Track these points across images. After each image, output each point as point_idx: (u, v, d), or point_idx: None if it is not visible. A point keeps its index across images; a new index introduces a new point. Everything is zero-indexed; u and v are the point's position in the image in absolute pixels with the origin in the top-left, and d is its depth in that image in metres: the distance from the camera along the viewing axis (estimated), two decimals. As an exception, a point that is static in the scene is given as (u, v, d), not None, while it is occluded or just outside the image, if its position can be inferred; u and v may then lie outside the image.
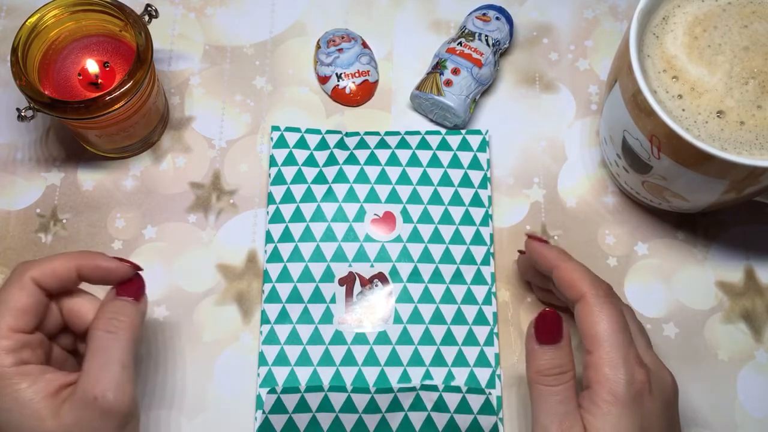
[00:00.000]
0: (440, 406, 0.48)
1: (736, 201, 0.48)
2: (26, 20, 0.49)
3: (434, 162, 0.53)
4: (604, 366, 0.40)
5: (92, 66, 0.51)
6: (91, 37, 0.52)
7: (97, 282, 0.43)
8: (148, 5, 0.51)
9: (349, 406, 0.47)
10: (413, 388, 0.48)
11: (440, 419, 0.48)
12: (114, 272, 0.43)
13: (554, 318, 0.42)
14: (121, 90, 0.48)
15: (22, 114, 0.49)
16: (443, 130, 0.54)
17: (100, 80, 0.51)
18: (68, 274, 0.42)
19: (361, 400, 0.47)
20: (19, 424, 0.38)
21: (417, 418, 0.48)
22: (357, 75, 0.56)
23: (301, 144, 0.54)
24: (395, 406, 0.48)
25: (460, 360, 0.49)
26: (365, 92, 0.56)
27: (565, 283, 0.43)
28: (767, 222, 0.54)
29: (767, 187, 0.46)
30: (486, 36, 0.55)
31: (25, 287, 0.41)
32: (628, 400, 0.39)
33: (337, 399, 0.48)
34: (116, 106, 0.48)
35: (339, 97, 0.56)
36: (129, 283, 0.43)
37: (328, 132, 0.54)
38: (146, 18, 0.51)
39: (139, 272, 0.43)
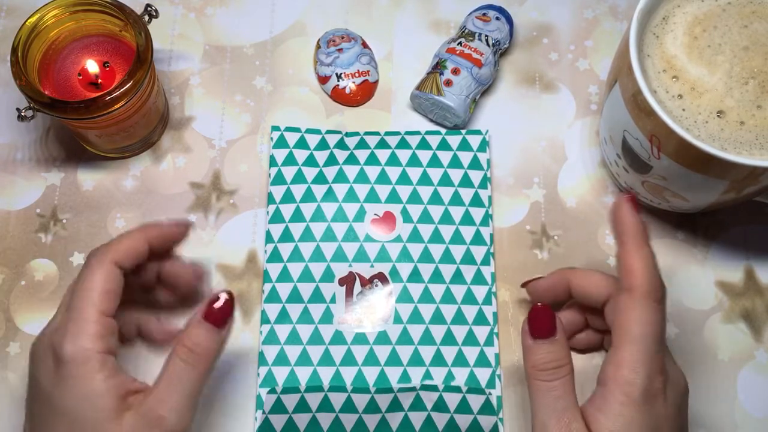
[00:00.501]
0: (440, 406, 0.48)
1: (736, 201, 0.48)
2: (26, 20, 0.49)
3: (434, 162, 0.53)
4: (624, 367, 0.39)
5: (92, 66, 0.51)
6: (91, 37, 0.52)
7: (163, 250, 0.46)
8: (148, 5, 0.51)
9: (349, 406, 0.47)
10: (413, 388, 0.48)
11: (440, 419, 0.48)
12: (177, 233, 0.46)
13: (546, 313, 0.42)
14: (121, 90, 0.48)
15: (22, 114, 0.49)
16: (443, 130, 0.54)
17: (100, 80, 0.51)
18: (143, 249, 0.43)
19: (361, 400, 0.47)
20: (84, 414, 0.39)
21: (417, 418, 0.48)
22: (357, 75, 0.56)
23: (301, 144, 0.54)
24: (395, 406, 0.48)
25: (460, 360, 0.49)
26: (365, 92, 0.56)
27: (624, 267, 0.41)
28: (767, 222, 0.54)
29: (767, 187, 0.46)
30: (486, 36, 0.55)
31: (109, 272, 0.42)
32: (642, 404, 0.39)
33: (337, 399, 0.48)
34: (116, 106, 0.48)
35: (339, 97, 0.56)
36: (217, 310, 0.41)
37: (328, 132, 0.54)
38: (146, 18, 0.51)
39: (231, 299, 0.42)
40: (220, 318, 0.41)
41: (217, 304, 0.41)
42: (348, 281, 0.50)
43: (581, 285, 0.45)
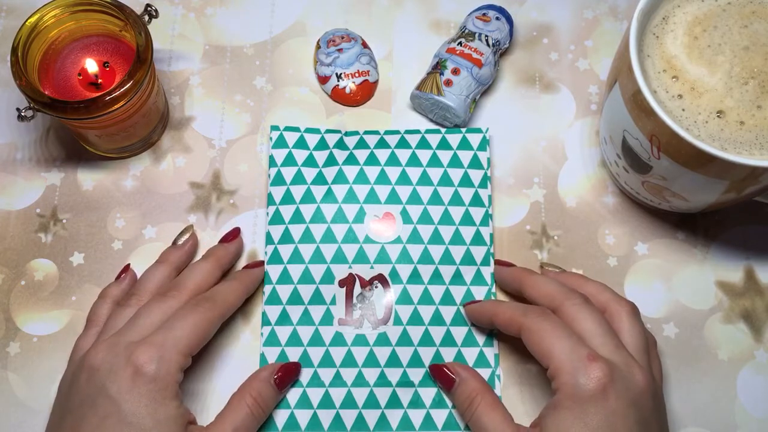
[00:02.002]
0: (439, 402, 0.48)
1: (736, 201, 0.48)
2: (26, 20, 0.49)
3: (434, 161, 0.53)
4: (560, 373, 0.41)
5: (92, 66, 0.51)
6: (91, 37, 0.52)
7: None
8: (148, 5, 0.51)
9: (349, 401, 0.48)
10: (411, 383, 0.48)
11: (439, 416, 0.48)
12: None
13: (438, 369, 0.48)
14: (121, 90, 0.48)
15: (22, 114, 0.49)
16: (443, 129, 0.54)
17: (100, 80, 0.51)
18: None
19: (360, 395, 0.48)
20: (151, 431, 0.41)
21: (417, 416, 0.48)
22: (357, 75, 0.56)
23: (301, 144, 0.54)
24: (394, 402, 0.48)
25: (460, 361, 0.49)
26: (365, 92, 0.56)
27: (506, 324, 0.45)
28: (767, 222, 0.54)
29: (767, 187, 0.46)
30: (486, 36, 0.55)
31: (214, 325, 0.46)
32: (587, 399, 0.40)
33: (338, 394, 0.48)
34: (116, 106, 0.48)
35: (339, 97, 0.56)
36: (287, 378, 0.48)
37: (328, 131, 0.54)
38: (146, 18, 0.51)
39: (299, 367, 0.49)
40: (287, 384, 0.48)
41: (286, 370, 0.47)
42: (348, 283, 0.50)
43: (530, 295, 0.47)
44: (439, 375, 0.48)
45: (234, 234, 0.51)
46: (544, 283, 0.47)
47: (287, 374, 0.47)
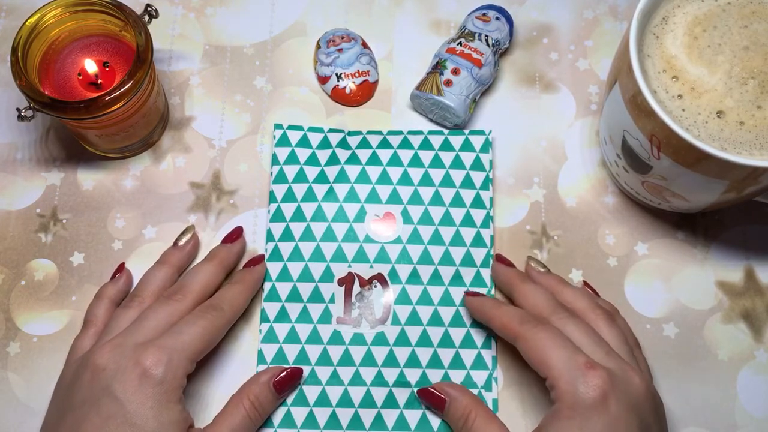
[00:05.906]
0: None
1: (736, 201, 0.48)
2: (26, 20, 0.49)
3: (436, 162, 0.53)
4: (559, 383, 0.41)
5: (92, 66, 0.51)
6: (91, 37, 0.52)
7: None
8: (148, 5, 0.51)
9: (345, 400, 0.48)
10: (408, 383, 0.48)
11: (435, 418, 0.48)
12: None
13: (426, 393, 0.48)
14: (121, 90, 0.48)
15: (22, 114, 0.49)
16: (446, 130, 0.54)
17: (100, 80, 0.51)
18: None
19: (357, 394, 0.48)
20: None
21: (412, 417, 0.48)
22: (357, 75, 0.56)
23: (304, 142, 0.54)
24: (390, 402, 0.48)
25: (457, 362, 0.49)
26: (365, 92, 0.56)
27: (502, 330, 0.46)
28: (767, 222, 0.54)
29: (767, 187, 0.46)
30: (486, 36, 0.55)
31: (221, 332, 0.47)
32: (588, 407, 0.40)
33: (334, 393, 0.48)
34: (116, 106, 0.48)
35: (339, 97, 0.56)
36: (287, 381, 0.47)
37: (331, 131, 0.54)
38: (146, 18, 0.51)
39: (299, 372, 0.48)
40: (287, 389, 0.47)
41: (287, 375, 0.47)
42: (347, 282, 0.50)
43: (519, 303, 0.48)
44: (429, 397, 0.47)
45: (237, 233, 0.51)
46: (533, 294, 0.47)
47: (287, 379, 0.47)
